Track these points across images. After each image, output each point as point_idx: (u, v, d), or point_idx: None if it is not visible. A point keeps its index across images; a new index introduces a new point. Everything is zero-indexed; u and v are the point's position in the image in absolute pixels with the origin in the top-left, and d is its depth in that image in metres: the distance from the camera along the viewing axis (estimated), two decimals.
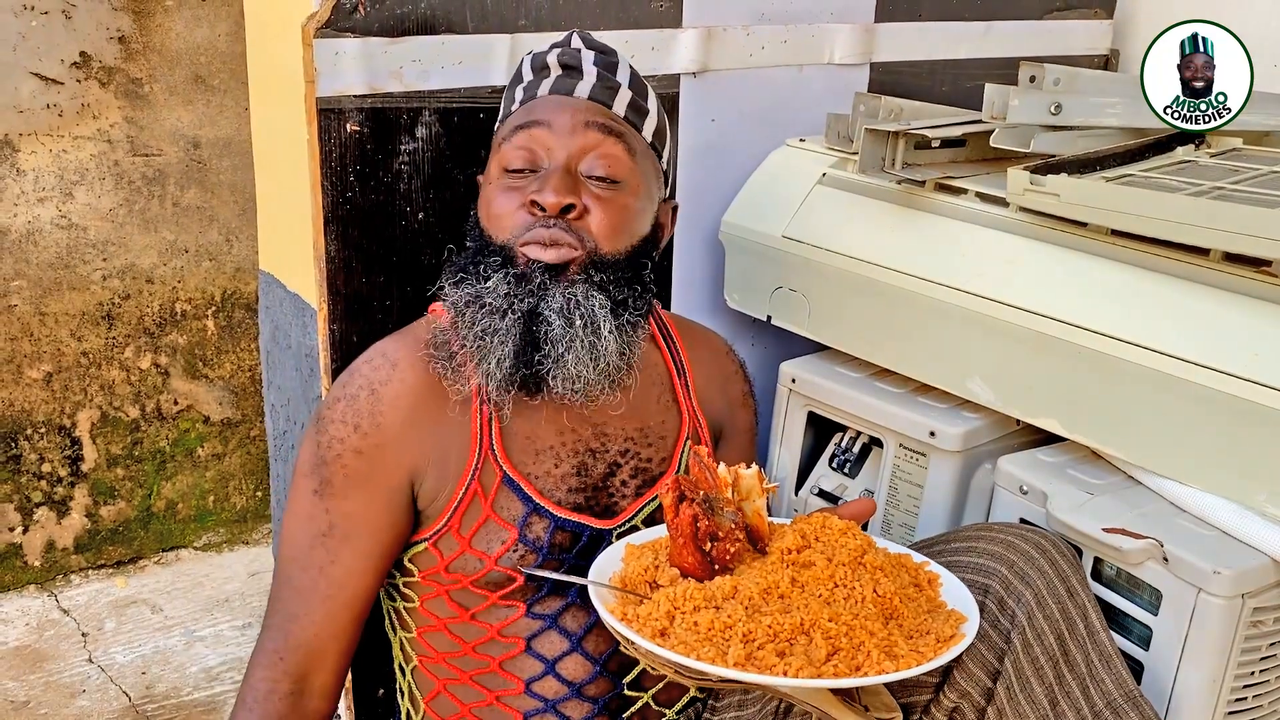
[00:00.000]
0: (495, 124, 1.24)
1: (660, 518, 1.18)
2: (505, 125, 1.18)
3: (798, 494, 1.54)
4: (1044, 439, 1.33)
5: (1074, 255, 1.27)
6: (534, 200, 1.11)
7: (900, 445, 1.41)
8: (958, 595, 1.02)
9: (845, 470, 1.50)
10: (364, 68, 1.29)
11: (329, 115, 1.28)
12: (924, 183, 1.41)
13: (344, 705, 1.43)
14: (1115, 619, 1.17)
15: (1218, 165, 1.36)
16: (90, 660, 2.01)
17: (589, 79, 1.17)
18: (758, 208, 1.57)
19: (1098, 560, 1.18)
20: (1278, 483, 1.09)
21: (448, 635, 1.20)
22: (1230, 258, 1.16)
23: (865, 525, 1.19)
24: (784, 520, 1.08)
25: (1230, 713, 1.15)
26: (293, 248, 1.40)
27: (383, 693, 1.47)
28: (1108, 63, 2.02)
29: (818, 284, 1.48)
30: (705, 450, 1.07)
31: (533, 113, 1.16)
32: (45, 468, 2.22)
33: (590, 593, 1.00)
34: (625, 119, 1.18)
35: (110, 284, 2.21)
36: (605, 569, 1.05)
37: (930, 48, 1.81)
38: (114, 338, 2.24)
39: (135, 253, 2.23)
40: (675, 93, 1.56)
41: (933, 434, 1.36)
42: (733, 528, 1.00)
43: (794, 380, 1.52)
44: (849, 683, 0.88)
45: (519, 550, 1.14)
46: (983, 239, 1.34)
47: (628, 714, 1.21)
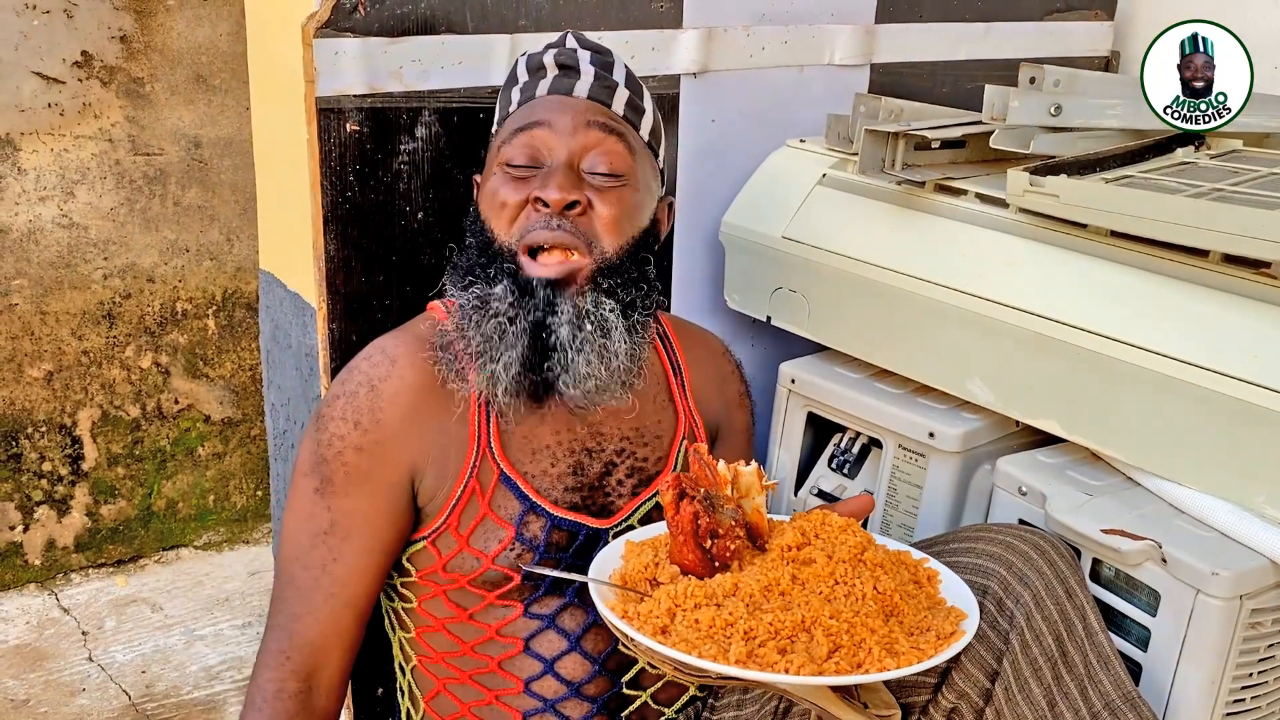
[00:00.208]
0: (493, 126, 1.24)
1: (656, 517, 1.18)
2: (505, 127, 1.18)
3: (797, 494, 1.55)
4: (1043, 440, 1.33)
5: (1073, 256, 1.27)
6: (537, 197, 1.11)
7: (899, 446, 1.41)
8: (957, 592, 1.03)
9: (844, 471, 1.50)
10: (364, 67, 1.29)
11: (329, 115, 1.28)
12: (924, 184, 1.41)
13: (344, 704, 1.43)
14: (1114, 620, 1.17)
15: (1217, 167, 1.36)
16: (90, 659, 2.01)
17: (586, 78, 1.17)
18: (758, 208, 1.57)
19: (1096, 561, 1.18)
20: (1276, 484, 1.09)
21: (446, 635, 1.20)
22: (1229, 259, 1.16)
23: (865, 523, 1.19)
24: (783, 517, 1.08)
25: (1228, 714, 1.15)
26: (293, 247, 1.40)
27: (382, 692, 1.47)
28: (1108, 64, 2.02)
29: (817, 284, 1.49)
30: (704, 447, 1.07)
31: (534, 113, 1.16)
32: (46, 466, 2.22)
33: (590, 590, 1.00)
34: (624, 118, 1.18)
35: (111, 283, 2.22)
36: (605, 566, 1.05)
37: (930, 49, 1.81)
38: (115, 337, 2.24)
39: (136, 252, 2.23)
40: (675, 93, 1.56)
41: (932, 435, 1.36)
42: (733, 525, 1.00)
43: (793, 381, 1.52)
44: (850, 680, 0.88)
45: (516, 549, 1.14)
46: (982, 240, 1.34)
47: (627, 713, 1.21)
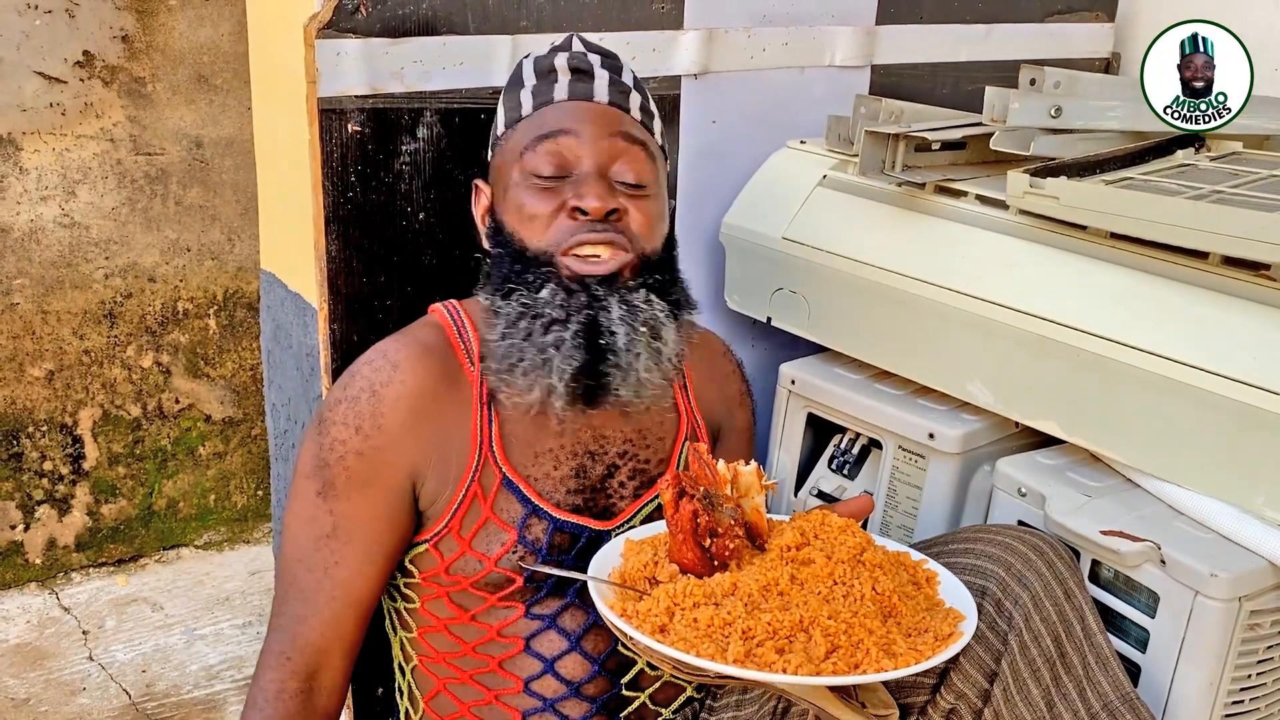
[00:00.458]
0: (499, 129, 1.21)
1: (658, 518, 1.18)
2: (520, 132, 1.17)
3: (797, 495, 1.55)
4: (1043, 441, 1.33)
5: (1073, 258, 1.27)
6: (576, 206, 1.12)
7: (899, 447, 1.41)
8: (956, 593, 1.03)
9: (844, 472, 1.50)
10: (365, 68, 1.29)
11: (330, 115, 1.28)
12: (924, 185, 1.41)
13: None
14: (1112, 621, 1.17)
15: (1217, 169, 1.36)
16: (91, 658, 2.01)
17: (601, 82, 1.17)
18: (758, 209, 1.57)
19: (1095, 563, 1.18)
20: (1275, 486, 1.09)
21: (448, 636, 1.20)
22: (1229, 261, 1.16)
23: (864, 524, 1.19)
24: (783, 517, 1.08)
25: (1227, 716, 1.15)
26: (294, 247, 1.40)
27: (382, 692, 1.47)
28: (1109, 66, 2.02)
29: (818, 285, 1.49)
30: (704, 446, 1.08)
31: (559, 120, 1.15)
32: (47, 466, 2.22)
33: (590, 589, 1.01)
34: (641, 123, 1.19)
35: (112, 283, 2.22)
36: (604, 565, 1.05)
37: (931, 50, 1.81)
38: (116, 336, 2.24)
39: (137, 251, 2.23)
40: (676, 94, 1.56)
41: (932, 436, 1.36)
42: (732, 524, 1.00)
43: (794, 382, 1.52)
44: (848, 680, 0.88)
45: (518, 551, 1.14)
46: (982, 241, 1.34)
47: (625, 713, 1.21)
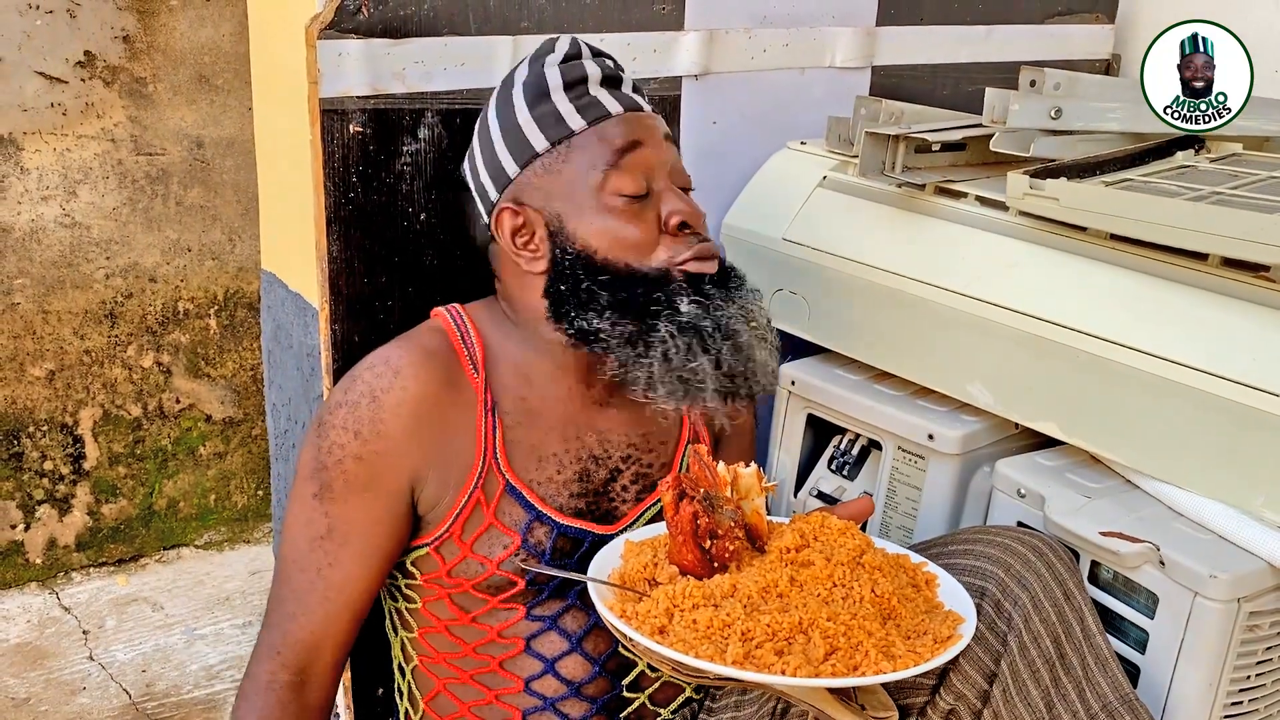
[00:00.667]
0: (538, 145, 1.16)
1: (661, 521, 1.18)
2: (582, 150, 1.14)
3: (796, 496, 1.55)
4: (1042, 443, 1.33)
5: (1073, 259, 1.27)
6: (681, 222, 1.14)
7: (899, 448, 1.41)
8: (955, 596, 1.03)
9: (844, 473, 1.50)
10: (367, 69, 1.29)
11: (332, 116, 1.28)
12: (924, 186, 1.41)
13: (343, 704, 1.44)
14: (1112, 622, 1.17)
15: (1217, 170, 1.36)
16: (91, 658, 2.01)
17: (627, 86, 1.19)
18: (758, 210, 1.58)
19: (1095, 564, 1.18)
20: (1275, 487, 1.09)
21: (449, 636, 1.20)
22: (1229, 263, 1.16)
23: (864, 525, 1.19)
24: (783, 519, 1.08)
25: (1226, 717, 1.15)
26: (295, 247, 1.40)
27: (382, 692, 1.47)
28: (1109, 67, 2.02)
29: (818, 286, 1.49)
30: (704, 448, 1.08)
31: (628, 134, 1.15)
32: (47, 465, 2.22)
33: (590, 590, 1.01)
34: None
35: (113, 282, 2.22)
36: (604, 566, 1.06)
37: (931, 51, 1.81)
38: (116, 336, 2.24)
39: (138, 251, 2.23)
40: (677, 95, 1.56)
41: (931, 437, 1.36)
42: (732, 526, 1.00)
43: (793, 382, 1.52)
44: (847, 682, 0.88)
45: (521, 555, 1.15)
46: (982, 243, 1.34)
47: (625, 714, 1.21)
